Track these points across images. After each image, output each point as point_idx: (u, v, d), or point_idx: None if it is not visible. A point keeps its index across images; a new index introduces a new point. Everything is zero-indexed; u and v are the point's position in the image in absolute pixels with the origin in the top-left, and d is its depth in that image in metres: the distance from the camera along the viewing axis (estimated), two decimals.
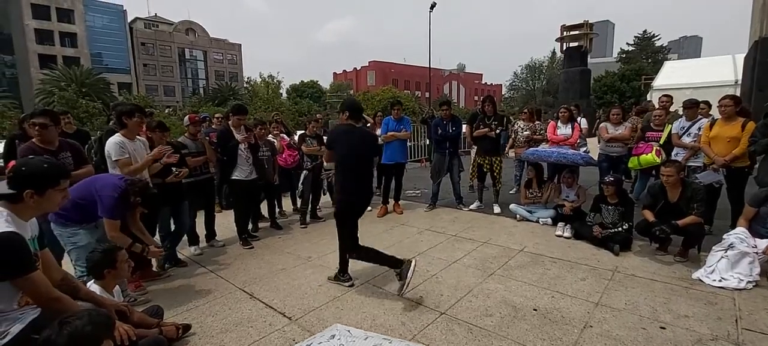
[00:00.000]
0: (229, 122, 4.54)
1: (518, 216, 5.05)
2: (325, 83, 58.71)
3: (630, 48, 46.95)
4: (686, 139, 4.50)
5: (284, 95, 46.31)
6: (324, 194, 6.07)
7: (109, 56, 48.37)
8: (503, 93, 60.45)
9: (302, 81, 52.38)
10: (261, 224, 5.17)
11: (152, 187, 3.11)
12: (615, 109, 5.61)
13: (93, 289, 2.17)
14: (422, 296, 3.01)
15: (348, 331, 2.45)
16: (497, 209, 5.44)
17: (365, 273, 3.46)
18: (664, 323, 2.51)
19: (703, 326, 2.47)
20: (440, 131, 5.57)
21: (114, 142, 3.25)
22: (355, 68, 66.57)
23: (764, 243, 3.12)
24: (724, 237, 3.22)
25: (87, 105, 28.00)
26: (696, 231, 3.50)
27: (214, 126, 6.24)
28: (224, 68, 58.35)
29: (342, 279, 3.27)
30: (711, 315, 2.60)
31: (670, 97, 5.79)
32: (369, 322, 2.66)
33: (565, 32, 23.38)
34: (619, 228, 3.87)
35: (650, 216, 3.66)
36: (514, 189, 6.71)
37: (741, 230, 3.20)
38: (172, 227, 3.90)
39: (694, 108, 4.59)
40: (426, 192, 6.19)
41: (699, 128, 4.39)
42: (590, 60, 24.29)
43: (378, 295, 3.08)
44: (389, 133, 5.58)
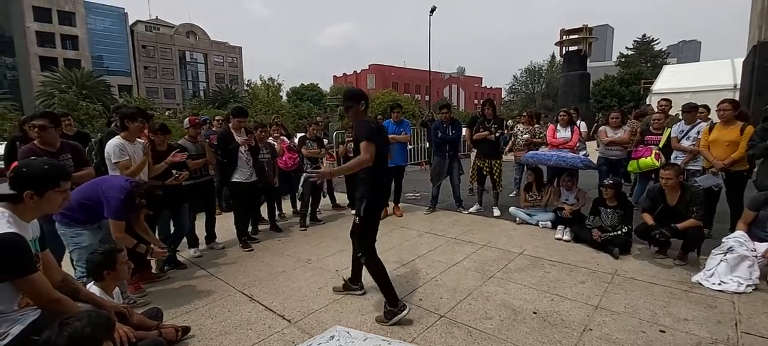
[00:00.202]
0: (230, 125, 4.55)
1: (518, 219, 5.06)
2: (326, 86, 58.90)
3: (629, 52, 47.01)
4: (685, 142, 4.51)
5: (284, 98, 46.36)
6: (324, 197, 6.08)
7: (110, 59, 48.55)
8: (503, 96, 60.55)
9: (302, 84, 52.51)
10: (261, 227, 5.17)
11: (158, 189, 3.12)
12: (614, 112, 5.62)
13: (93, 290, 2.17)
14: (422, 299, 3.01)
15: (347, 332, 2.45)
16: (497, 212, 5.45)
17: (365, 276, 3.45)
18: (664, 327, 2.51)
19: (703, 330, 2.47)
20: (440, 134, 5.59)
21: (114, 144, 3.27)
22: (355, 71, 66.71)
23: (764, 247, 3.13)
24: (724, 241, 3.22)
25: (87, 107, 28.01)
26: (695, 234, 3.50)
27: (215, 129, 6.25)
28: (225, 71, 58.51)
29: (354, 288, 3.11)
30: (710, 319, 2.60)
31: (669, 101, 5.81)
32: (369, 324, 2.66)
33: (565, 36, 23.46)
34: (619, 231, 3.87)
35: (649, 219, 3.66)
36: (514, 192, 6.72)
37: (740, 234, 3.21)
38: (172, 230, 3.91)
39: (693, 112, 4.61)
40: (426, 195, 6.19)
41: (698, 132, 4.40)
42: (589, 64, 24.35)
43: (378, 298, 3.07)
44: (389, 136, 5.59)
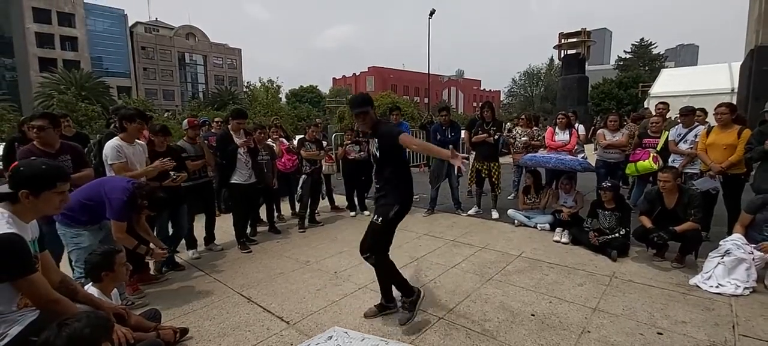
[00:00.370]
0: (229, 126, 4.56)
1: (516, 221, 5.07)
2: (325, 88, 59.00)
3: (627, 56, 47.20)
4: (683, 146, 4.54)
5: (283, 100, 46.40)
6: (322, 199, 6.08)
7: (109, 60, 48.53)
8: (502, 99, 60.67)
9: (301, 86, 52.59)
10: (259, 228, 5.17)
11: (160, 191, 3.13)
12: (612, 116, 5.65)
13: (91, 291, 2.17)
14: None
15: (345, 333, 2.46)
16: (495, 215, 5.45)
17: (363, 277, 3.46)
18: (662, 329, 2.52)
19: (701, 332, 2.47)
20: (439, 137, 5.60)
21: (111, 145, 3.27)
22: (355, 74, 66.85)
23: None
24: (721, 243, 3.23)
25: (86, 108, 27.96)
26: (693, 237, 3.51)
27: (214, 130, 6.26)
28: (224, 73, 58.54)
29: (390, 306, 2.79)
30: (708, 321, 2.61)
31: (667, 104, 5.85)
32: (367, 326, 2.66)
33: (563, 40, 23.56)
34: (617, 234, 3.88)
35: (647, 222, 3.67)
36: (513, 194, 6.73)
37: (737, 237, 3.22)
38: (170, 231, 3.91)
39: (691, 115, 4.64)
40: (424, 197, 6.20)
41: (695, 135, 4.42)
42: (588, 67, 24.46)
43: (376, 299, 3.07)
44: None
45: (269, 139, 5.46)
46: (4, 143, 4.73)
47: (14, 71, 45.67)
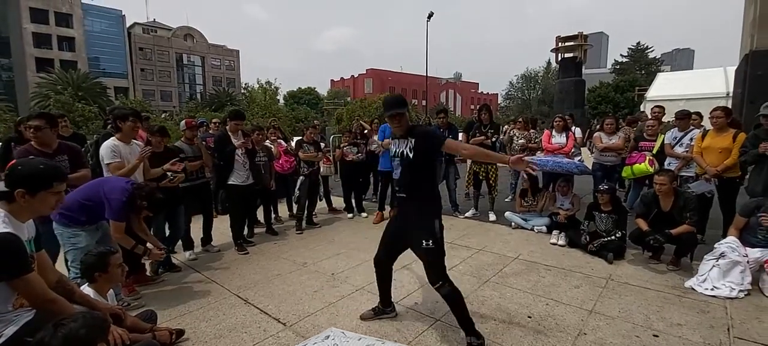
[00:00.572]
0: (227, 127, 4.55)
1: (513, 224, 5.08)
2: (323, 90, 59.00)
3: (624, 59, 47.49)
4: (678, 149, 4.57)
5: (281, 102, 46.36)
6: (320, 200, 6.08)
7: (107, 61, 48.35)
8: (499, 102, 60.84)
9: (300, 88, 52.56)
10: (256, 230, 5.15)
11: (159, 192, 3.12)
12: (609, 119, 5.69)
13: (87, 292, 2.16)
14: (417, 303, 3.01)
15: (342, 333, 2.46)
16: (493, 217, 5.47)
17: (361, 279, 3.46)
18: (658, 331, 2.53)
19: (696, 335, 2.49)
20: None
21: (107, 145, 3.27)
22: (353, 76, 66.86)
23: (755, 252, 3.16)
24: (716, 246, 3.26)
25: (83, 109, 27.82)
26: (689, 240, 3.54)
27: (211, 131, 6.25)
28: (222, 74, 58.42)
29: (387, 311, 2.78)
30: (703, 324, 2.62)
31: (663, 108, 5.88)
32: (364, 328, 2.66)
33: (561, 43, 23.72)
34: (613, 236, 3.90)
35: (644, 225, 3.69)
36: (510, 197, 6.75)
37: (732, 239, 3.24)
38: (167, 232, 3.90)
39: (686, 119, 4.67)
40: None
41: (691, 139, 4.46)
42: (585, 71, 24.61)
43: (373, 301, 3.07)
44: (386, 140, 5.61)
45: (267, 140, 5.45)
46: (1, 143, 4.70)
47: (11, 71, 45.43)
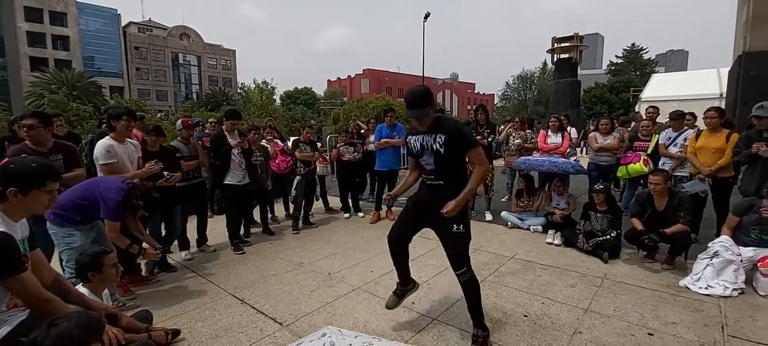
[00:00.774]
0: (223, 127, 4.54)
1: (510, 223, 5.10)
2: (320, 90, 58.86)
3: (619, 60, 47.84)
4: (673, 149, 4.61)
5: (278, 102, 46.23)
6: (316, 200, 6.07)
7: (102, 60, 48.00)
8: (496, 103, 61.02)
9: (296, 88, 52.40)
10: (253, 230, 5.14)
11: (155, 191, 3.11)
12: (604, 119, 5.72)
13: (82, 291, 2.15)
14: (414, 303, 3.01)
15: (339, 331, 2.46)
16: (489, 217, 5.48)
17: (357, 279, 3.46)
18: (652, 330, 2.55)
19: (690, 333, 2.51)
20: None
21: (101, 145, 3.25)
22: (349, 76, 66.76)
23: (748, 251, 3.20)
24: (709, 245, 3.28)
25: (78, 108, 27.58)
26: (683, 239, 3.56)
27: (207, 131, 6.23)
28: (218, 74, 58.17)
29: (410, 288, 2.73)
30: (698, 322, 2.64)
31: (657, 108, 5.93)
32: (361, 327, 2.66)
33: (557, 44, 23.86)
34: (608, 236, 3.92)
35: (638, 224, 3.72)
36: (506, 197, 6.77)
37: (725, 239, 3.27)
38: (163, 232, 3.87)
39: (680, 119, 4.71)
40: None
41: (685, 139, 4.49)
42: (580, 71, 24.78)
43: (370, 301, 3.08)
44: (383, 139, 5.61)
45: (263, 140, 5.44)
46: None
47: (5, 70, 45.01)
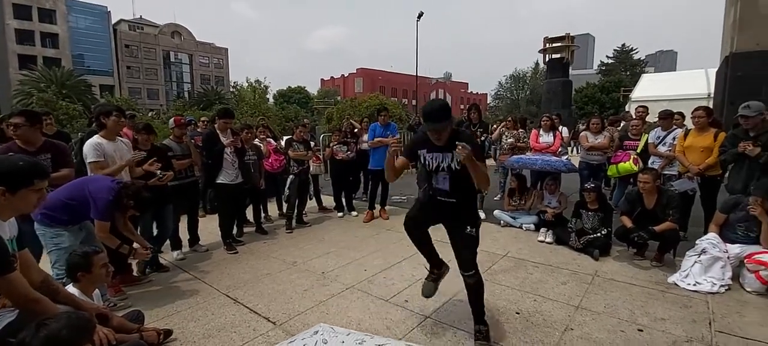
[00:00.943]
0: (216, 126, 4.50)
1: (502, 222, 5.14)
2: (313, 89, 58.67)
3: (609, 61, 48.35)
4: (662, 148, 4.68)
5: (271, 101, 45.97)
6: (310, 199, 6.05)
7: (92, 58, 47.27)
8: (488, 102, 61.33)
9: (289, 87, 52.19)
10: (246, 229, 5.11)
11: (146, 191, 3.07)
12: (594, 119, 5.80)
13: (71, 292, 2.12)
14: (408, 300, 3.03)
15: (331, 329, 2.46)
16: (482, 215, 5.50)
17: (351, 278, 3.46)
18: (642, 326, 2.59)
19: (679, 329, 2.55)
20: None
21: (91, 143, 3.21)
22: (343, 75, 66.59)
23: (735, 248, 3.26)
24: (697, 243, 3.34)
25: (67, 107, 27.12)
26: (671, 236, 3.62)
27: (200, 130, 6.17)
28: (210, 72, 57.63)
29: (443, 271, 2.77)
30: (686, 318, 2.69)
31: (647, 108, 6.02)
32: (354, 325, 2.67)
33: (548, 44, 24.05)
34: (599, 233, 3.97)
35: (628, 222, 3.77)
36: (499, 195, 6.80)
37: (712, 236, 3.33)
38: (154, 232, 3.84)
39: (669, 119, 4.78)
40: (412, 198, 6.23)
41: (674, 138, 4.56)
42: (572, 71, 25.01)
43: (363, 299, 3.09)
44: (376, 139, 5.61)
45: (256, 139, 5.41)
46: None
47: None
